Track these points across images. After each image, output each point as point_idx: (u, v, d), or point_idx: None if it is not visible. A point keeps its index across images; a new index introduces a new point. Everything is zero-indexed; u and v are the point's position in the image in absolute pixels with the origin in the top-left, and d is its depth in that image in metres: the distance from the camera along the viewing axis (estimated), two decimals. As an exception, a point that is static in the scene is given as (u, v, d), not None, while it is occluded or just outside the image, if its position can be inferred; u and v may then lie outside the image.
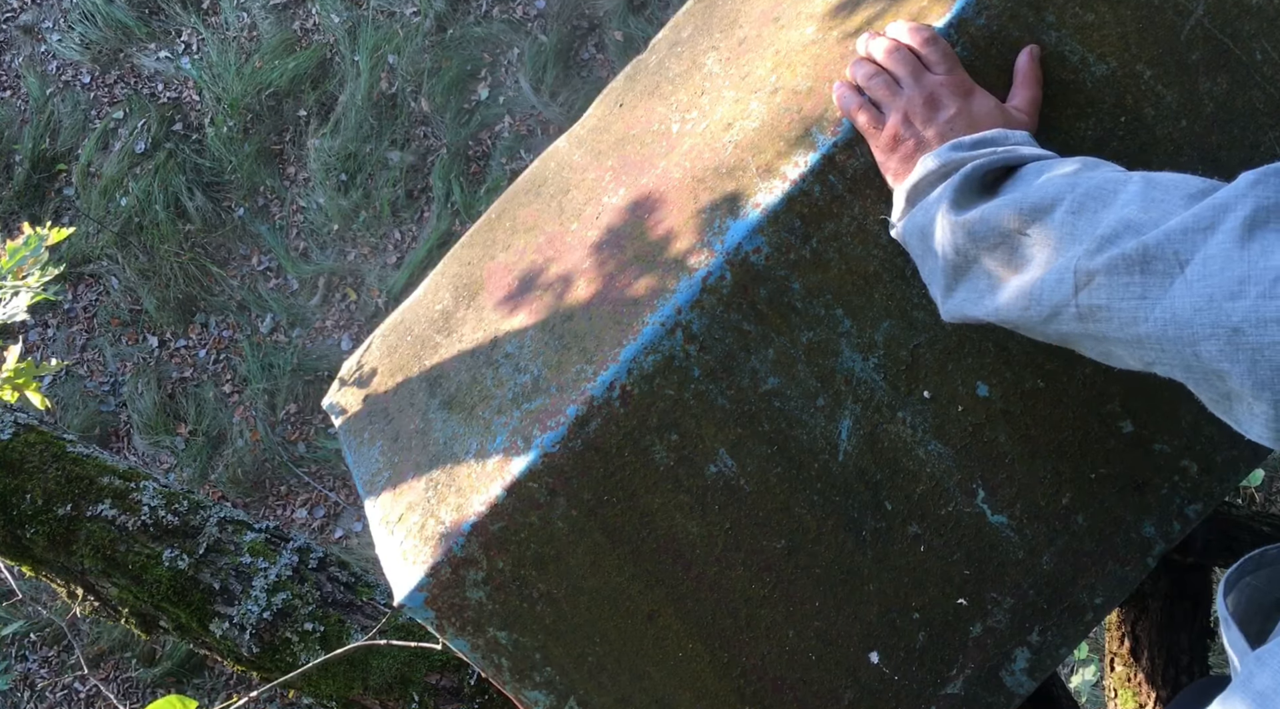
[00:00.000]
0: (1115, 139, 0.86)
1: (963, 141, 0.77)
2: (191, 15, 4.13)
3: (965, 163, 0.76)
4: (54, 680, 3.56)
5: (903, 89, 0.80)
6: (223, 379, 3.87)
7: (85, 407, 3.89)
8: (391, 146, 3.87)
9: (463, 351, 1.00)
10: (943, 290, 0.78)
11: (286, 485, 3.71)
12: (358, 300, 3.83)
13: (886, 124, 0.80)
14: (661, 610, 0.90)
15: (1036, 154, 0.76)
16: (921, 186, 0.78)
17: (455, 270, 1.10)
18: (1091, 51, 0.84)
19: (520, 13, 3.87)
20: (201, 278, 3.94)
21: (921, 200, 0.78)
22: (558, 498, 0.86)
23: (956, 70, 0.81)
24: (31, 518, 1.42)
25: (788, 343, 0.87)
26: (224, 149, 3.97)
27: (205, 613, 1.44)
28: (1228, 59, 0.85)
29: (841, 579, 0.91)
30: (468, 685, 1.40)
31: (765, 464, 0.88)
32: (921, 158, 0.78)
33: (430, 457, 0.94)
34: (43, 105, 4.17)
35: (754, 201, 0.85)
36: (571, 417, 0.84)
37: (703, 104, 0.96)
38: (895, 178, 0.81)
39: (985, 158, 0.75)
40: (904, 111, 0.79)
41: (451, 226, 3.71)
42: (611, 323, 0.87)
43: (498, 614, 0.88)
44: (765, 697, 0.93)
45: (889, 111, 0.80)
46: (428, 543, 0.88)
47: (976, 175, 0.75)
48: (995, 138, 0.77)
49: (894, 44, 0.82)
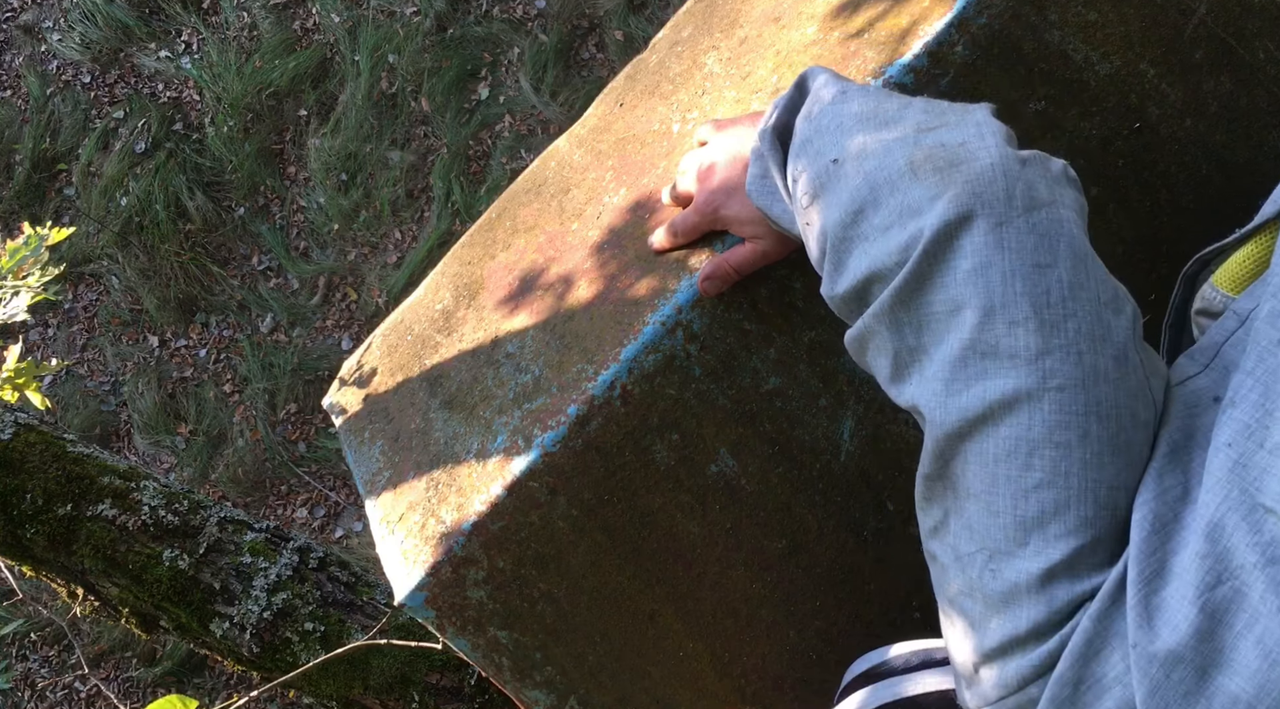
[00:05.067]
0: (1120, 138, 0.86)
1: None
2: (191, 15, 4.13)
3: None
4: (54, 680, 3.56)
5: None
6: (223, 379, 3.87)
7: (85, 406, 3.89)
8: (392, 146, 3.87)
9: (463, 351, 1.00)
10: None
11: (287, 485, 3.71)
12: (358, 300, 3.83)
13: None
14: (662, 610, 0.90)
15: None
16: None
17: (455, 270, 1.10)
18: (1095, 50, 0.84)
19: (520, 12, 3.87)
20: (202, 277, 3.94)
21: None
22: (558, 497, 0.85)
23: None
24: (32, 518, 1.42)
25: (789, 342, 0.87)
26: (224, 149, 3.97)
27: (205, 613, 1.44)
28: (1231, 58, 0.85)
29: (842, 579, 0.91)
30: (468, 685, 1.40)
31: (766, 464, 0.88)
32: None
33: (431, 456, 0.94)
34: (43, 105, 4.17)
35: (755, 201, 0.84)
36: (572, 416, 0.84)
37: (704, 104, 0.96)
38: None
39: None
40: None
41: (452, 226, 3.71)
42: (612, 322, 0.87)
43: (498, 614, 0.88)
44: (766, 696, 0.92)
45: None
46: (428, 542, 0.88)
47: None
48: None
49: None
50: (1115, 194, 0.87)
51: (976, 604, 0.57)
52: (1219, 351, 0.56)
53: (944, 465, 0.58)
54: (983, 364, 0.55)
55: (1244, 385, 0.50)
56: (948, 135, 0.61)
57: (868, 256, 0.61)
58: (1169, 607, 0.48)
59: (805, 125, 0.70)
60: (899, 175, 0.60)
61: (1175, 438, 0.54)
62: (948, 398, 0.56)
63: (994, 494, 0.55)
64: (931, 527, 0.61)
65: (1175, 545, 0.50)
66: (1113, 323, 0.55)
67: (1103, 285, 0.56)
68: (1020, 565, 0.54)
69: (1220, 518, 0.48)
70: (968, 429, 0.56)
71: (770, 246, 0.80)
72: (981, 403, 0.55)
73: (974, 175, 0.58)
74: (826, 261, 0.65)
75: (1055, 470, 0.53)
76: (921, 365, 0.59)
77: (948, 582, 0.59)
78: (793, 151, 0.70)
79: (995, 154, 0.59)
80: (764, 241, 0.80)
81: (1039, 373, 0.54)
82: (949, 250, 0.57)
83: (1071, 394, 0.54)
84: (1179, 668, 0.47)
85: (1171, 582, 0.49)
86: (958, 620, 0.59)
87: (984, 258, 0.56)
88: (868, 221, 0.62)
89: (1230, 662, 0.46)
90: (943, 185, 0.58)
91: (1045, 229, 0.56)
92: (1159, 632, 0.48)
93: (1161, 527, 0.51)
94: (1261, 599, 0.45)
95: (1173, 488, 0.52)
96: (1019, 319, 0.54)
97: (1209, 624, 0.46)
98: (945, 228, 0.56)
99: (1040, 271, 0.55)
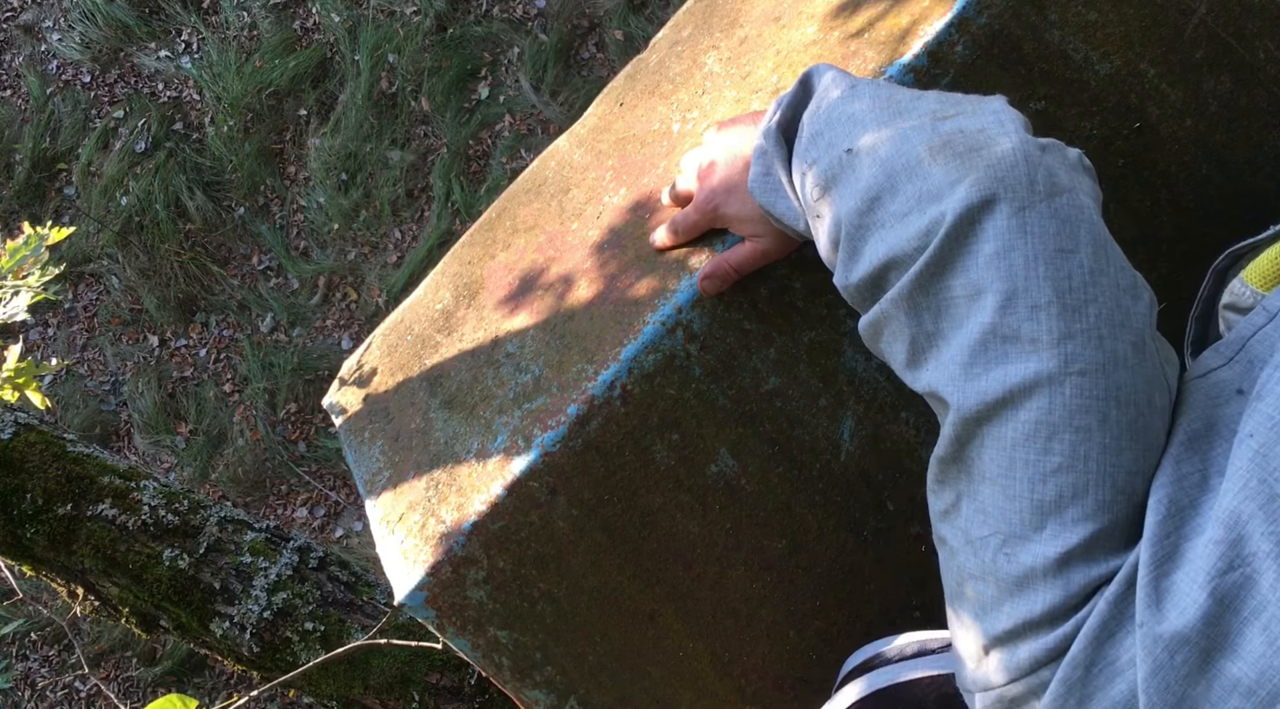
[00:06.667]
0: (1120, 138, 0.86)
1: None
2: (191, 15, 4.13)
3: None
4: (54, 680, 3.56)
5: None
6: (223, 378, 3.87)
7: (86, 406, 3.89)
8: (392, 146, 3.87)
9: (463, 351, 1.00)
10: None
11: (287, 485, 3.71)
12: (358, 300, 3.83)
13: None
14: (662, 610, 0.90)
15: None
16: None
17: (455, 270, 1.10)
18: (1095, 50, 0.84)
19: (520, 12, 3.87)
20: (202, 277, 3.94)
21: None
22: (558, 497, 0.85)
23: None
24: (32, 517, 1.42)
25: (789, 342, 0.87)
26: (224, 148, 3.97)
27: (206, 612, 1.44)
28: (1231, 58, 0.85)
29: (842, 579, 0.91)
30: (468, 685, 1.40)
31: (767, 464, 0.88)
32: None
33: (431, 456, 0.94)
34: (43, 104, 4.17)
35: (755, 200, 0.84)
36: (572, 416, 0.84)
37: (704, 104, 0.96)
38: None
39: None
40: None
41: (452, 226, 3.71)
42: (613, 322, 0.87)
43: (498, 613, 0.88)
44: (766, 696, 0.92)
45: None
46: (428, 542, 0.88)
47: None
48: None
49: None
50: (1115, 194, 0.87)
51: (989, 588, 0.57)
52: (1245, 345, 0.56)
53: (960, 449, 0.58)
54: (1003, 348, 0.55)
55: (1271, 379, 0.50)
56: (966, 122, 0.61)
57: (885, 243, 0.61)
58: (1179, 590, 0.48)
59: (814, 119, 0.70)
60: (917, 161, 0.60)
61: (1195, 427, 0.55)
62: (966, 382, 0.57)
63: (1011, 478, 0.55)
64: (942, 510, 0.61)
65: (1190, 531, 0.50)
66: (1131, 309, 0.56)
67: (1122, 272, 0.57)
68: (1037, 549, 0.54)
69: (1238, 506, 0.48)
70: (987, 413, 0.56)
71: (770, 245, 0.80)
72: (1002, 387, 0.55)
73: (995, 160, 0.58)
74: (840, 250, 0.65)
75: (1074, 454, 0.53)
76: (939, 350, 0.59)
77: (957, 565, 0.59)
78: (801, 146, 0.70)
79: (1016, 139, 0.59)
80: (764, 240, 0.80)
81: (1061, 357, 0.54)
82: (971, 235, 0.57)
83: (1092, 379, 0.54)
84: (1183, 649, 0.47)
85: (1184, 566, 0.49)
86: (966, 604, 0.59)
87: (1006, 242, 0.56)
88: (884, 209, 0.61)
89: (1235, 647, 0.46)
90: (963, 170, 0.58)
91: (1067, 214, 0.56)
92: (1166, 614, 0.48)
93: (1177, 512, 0.51)
94: (1271, 587, 0.45)
95: (1190, 475, 0.52)
96: (1041, 303, 0.55)
97: (1217, 609, 0.47)
98: (968, 212, 0.57)
99: (1063, 257, 0.55)
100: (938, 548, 0.62)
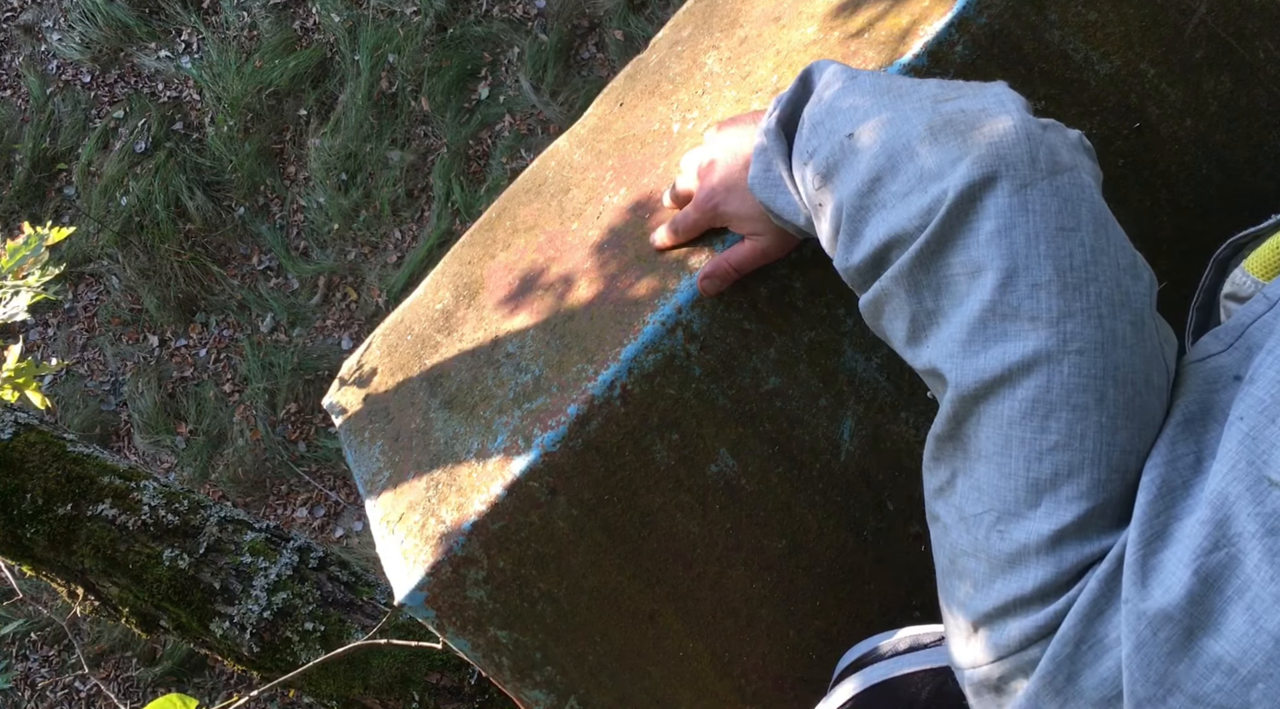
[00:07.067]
0: (1120, 138, 0.86)
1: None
2: (191, 15, 4.13)
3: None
4: (54, 680, 3.56)
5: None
6: (223, 378, 3.87)
7: (86, 406, 3.89)
8: (392, 146, 3.87)
9: (463, 351, 1.00)
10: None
11: (287, 485, 3.71)
12: (358, 300, 3.83)
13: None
14: (662, 610, 0.90)
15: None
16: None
17: (455, 270, 1.10)
18: (1095, 50, 0.84)
19: (520, 12, 3.87)
20: (202, 277, 3.94)
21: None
22: (558, 497, 0.85)
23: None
24: (32, 517, 1.42)
25: (789, 342, 0.87)
26: (224, 148, 3.97)
27: (206, 612, 1.44)
28: (1231, 58, 0.85)
29: (842, 579, 0.91)
30: (468, 685, 1.40)
31: (766, 464, 0.88)
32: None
33: (431, 456, 0.94)
34: (43, 104, 4.17)
35: (755, 200, 0.84)
36: (572, 416, 0.84)
37: (704, 104, 0.96)
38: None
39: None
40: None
41: (452, 226, 3.71)
42: (613, 322, 0.87)
43: (498, 613, 0.88)
44: (766, 696, 0.92)
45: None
46: (428, 542, 0.88)
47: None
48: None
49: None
50: (1115, 194, 0.87)
51: (980, 565, 0.57)
52: (1244, 333, 0.56)
53: (957, 426, 0.58)
54: (1003, 326, 0.55)
55: (1264, 364, 0.51)
56: (966, 103, 0.61)
57: (886, 224, 0.61)
58: (1165, 568, 0.48)
59: (815, 109, 0.70)
60: (918, 141, 0.60)
61: (1191, 409, 0.55)
62: (965, 359, 0.57)
63: (1007, 456, 0.55)
64: (937, 487, 0.61)
65: (1180, 511, 0.50)
66: (1131, 289, 0.56)
67: (1122, 251, 0.57)
68: (1030, 526, 0.54)
69: (1225, 487, 0.48)
70: (984, 390, 0.56)
71: (770, 244, 0.80)
72: (1000, 364, 0.55)
73: (997, 137, 0.58)
74: (841, 233, 0.65)
75: (1071, 433, 0.54)
76: (939, 328, 0.59)
77: (949, 542, 0.59)
78: (801, 138, 0.70)
79: (1017, 118, 0.59)
80: (764, 239, 0.80)
81: (1060, 335, 0.54)
82: (972, 212, 0.57)
83: (1091, 357, 0.54)
84: (1167, 626, 0.47)
85: (1171, 545, 0.49)
86: (957, 581, 0.59)
87: (1008, 219, 0.56)
88: (885, 189, 0.61)
89: (1218, 625, 0.46)
90: (964, 148, 0.58)
91: (1068, 193, 0.56)
92: (1152, 591, 0.48)
93: (1169, 491, 0.51)
94: (1256, 567, 0.45)
95: (1184, 457, 0.52)
96: (1042, 281, 0.55)
97: (1202, 588, 0.47)
98: (969, 189, 0.56)
99: (1064, 235, 0.55)
100: (930, 526, 0.63)
